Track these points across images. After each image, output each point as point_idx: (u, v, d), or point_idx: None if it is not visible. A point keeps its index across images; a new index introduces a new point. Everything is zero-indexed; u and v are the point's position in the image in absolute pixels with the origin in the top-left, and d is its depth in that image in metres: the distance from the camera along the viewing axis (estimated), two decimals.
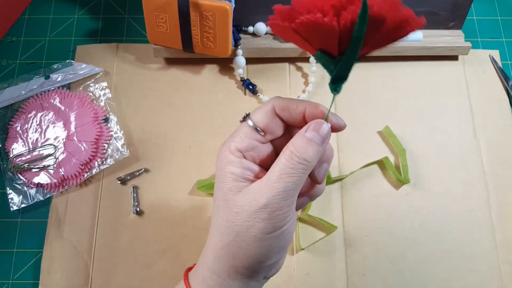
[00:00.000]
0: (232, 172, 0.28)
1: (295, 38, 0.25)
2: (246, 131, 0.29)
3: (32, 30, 0.51)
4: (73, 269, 0.41)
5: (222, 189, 0.28)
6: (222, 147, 0.29)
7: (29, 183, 0.43)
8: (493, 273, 0.42)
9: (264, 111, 0.29)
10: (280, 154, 0.28)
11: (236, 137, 0.29)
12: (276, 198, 0.26)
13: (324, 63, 0.26)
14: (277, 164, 0.27)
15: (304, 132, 0.28)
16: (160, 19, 0.42)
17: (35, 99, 0.46)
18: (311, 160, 0.28)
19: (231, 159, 0.28)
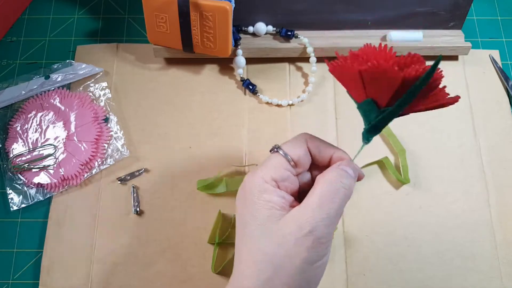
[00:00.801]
0: (270, 200, 0.28)
1: (352, 81, 0.27)
2: (280, 161, 0.29)
3: (32, 30, 0.51)
4: (73, 269, 0.41)
5: (258, 218, 0.27)
6: (253, 176, 0.29)
7: (29, 183, 0.44)
8: (493, 273, 0.42)
9: (298, 144, 0.30)
10: (317, 182, 0.29)
11: (269, 167, 0.29)
12: (320, 224, 0.26)
13: (367, 111, 0.28)
14: (316, 191, 0.28)
15: (337, 166, 0.29)
16: (160, 19, 0.42)
17: (35, 99, 0.47)
18: (349, 188, 0.29)
19: (267, 187, 0.28)
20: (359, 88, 0.27)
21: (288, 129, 0.47)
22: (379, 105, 0.27)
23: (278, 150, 0.30)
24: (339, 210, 0.28)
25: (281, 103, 0.48)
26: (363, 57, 0.26)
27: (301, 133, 0.32)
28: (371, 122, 0.28)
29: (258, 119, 0.47)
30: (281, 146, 0.30)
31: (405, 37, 0.48)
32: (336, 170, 0.29)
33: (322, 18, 0.47)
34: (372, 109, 0.27)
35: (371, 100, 0.27)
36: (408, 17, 0.48)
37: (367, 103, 0.27)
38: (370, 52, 0.26)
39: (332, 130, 0.47)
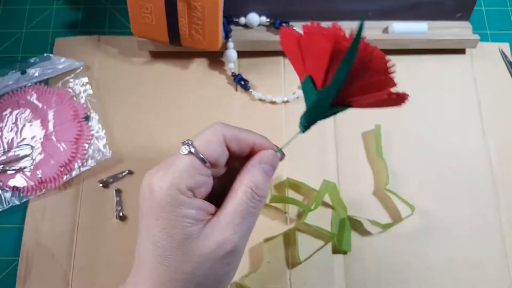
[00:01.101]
0: (186, 215, 0.26)
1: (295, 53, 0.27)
2: (195, 164, 0.27)
3: (7, 22, 0.51)
4: (51, 278, 0.41)
5: (174, 237, 0.26)
6: (163, 181, 0.26)
7: (4, 186, 0.43)
8: (502, 282, 0.41)
9: (214, 142, 0.28)
10: (235, 189, 0.27)
11: (182, 172, 0.26)
12: (242, 240, 0.27)
13: (307, 91, 0.27)
14: (237, 202, 0.27)
15: (258, 164, 0.28)
16: (145, 9, 0.42)
17: (10, 96, 0.46)
18: (266, 196, 0.28)
19: (183, 200, 0.26)
20: (300, 62, 0.27)
21: (282, 127, 0.47)
22: (316, 85, 0.26)
23: (191, 149, 0.27)
24: (256, 218, 0.28)
25: (275, 100, 0.47)
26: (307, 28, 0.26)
27: (215, 123, 0.29)
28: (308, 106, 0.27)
29: (251, 117, 0.47)
30: (194, 144, 0.27)
31: (409, 29, 0.48)
32: (258, 175, 0.28)
33: (319, 8, 0.47)
34: (311, 88, 0.27)
35: (309, 77, 0.27)
36: (412, 8, 0.48)
37: (306, 81, 0.27)
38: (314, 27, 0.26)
39: (329, 129, 0.47)
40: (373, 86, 0.25)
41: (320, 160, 0.45)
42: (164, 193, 0.26)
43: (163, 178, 0.26)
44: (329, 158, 0.45)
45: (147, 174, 0.27)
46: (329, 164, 0.45)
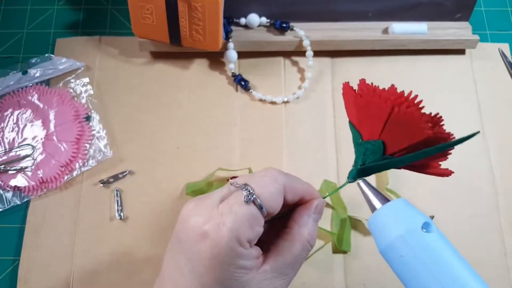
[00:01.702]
0: (244, 267, 0.25)
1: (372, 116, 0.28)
2: (256, 215, 0.26)
3: (8, 22, 0.51)
4: (52, 277, 0.41)
5: (230, 286, 0.25)
6: (223, 233, 0.24)
7: (5, 186, 0.43)
8: (502, 281, 0.42)
9: (277, 192, 0.27)
10: (295, 241, 0.28)
11: (244, 224, 0.25)
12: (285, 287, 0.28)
13: (369, 151, 0.28)
14: (292, 254, 0.27)
15: (313, 214, 0.29)
16: (145, 10, 0.42)
17: (11, 96, 0.46)
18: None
19: (241, 252, 0.25)
20: (376, 125, 0.27)
21: (283, 128, 0.47)
22: (385, 151, 0.28)
23: (254, 200, 0.26)
24: None
25: (275, 100, 0.47)
26: (393, 98, 0.27)
27: (272, 170, 0.28)
28: (366, 162, 0.28)
29: (251, 118, 0.47)
30: (256, 193, 0.26)
31: (409, 30, 0.48)
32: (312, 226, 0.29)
33: (320, 9, 0.47)
34: (377, 151, 0.28)
35: (382, 142, 0.27)
36: (411, 8, 0.48)
37: (376, 144, 0.28)
38: (397, 94, 0.28)
39: (330, 129, 0.47)
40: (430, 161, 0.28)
41: (320, 160, 0.45)
42: (224, 245, 0.24)
43: (221, 227, 0.24)
44: (329, 158, 0.45)
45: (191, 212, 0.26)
46: (329, 164, 0.45)
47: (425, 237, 0.24)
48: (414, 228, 0.25)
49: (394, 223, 0.25)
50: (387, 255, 0.25)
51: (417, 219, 0.25)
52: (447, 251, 0.24)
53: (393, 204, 0.26)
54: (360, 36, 0.47)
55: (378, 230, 0.26)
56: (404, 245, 0.24)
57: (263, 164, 0.45)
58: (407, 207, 0.26)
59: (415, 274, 0.24)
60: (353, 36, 0.47)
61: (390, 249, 0.25)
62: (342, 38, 0.47)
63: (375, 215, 0.27)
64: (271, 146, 0.46)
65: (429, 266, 0.24)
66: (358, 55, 0.49)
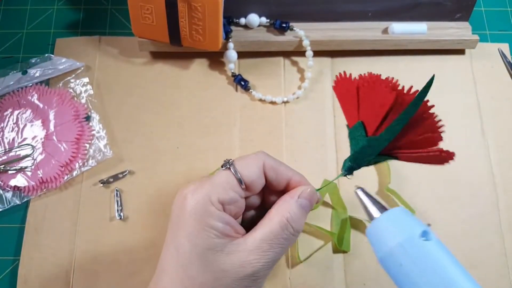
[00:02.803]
0: (213, 226, 0.27)
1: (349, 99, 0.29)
2: (230, 181, 0.28)
3: (8, 22, 0.51)
4: (52, 277, 0.41)
5: (197, 246, 0.26)
6: (197, 193, 0.27)
7: (5, 186, 0.43)
8: (502, 282, 0.42)
9: (253, 165, 0.29)
10: (270, 218, 0.28)
11: (217, 186, 0.28)
12: (264, 267, 0.27)
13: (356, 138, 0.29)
14: (269, 230, 0.27)
15: (297, 197, 0.29)
16: (145, 10, 0.42)
17: (11, 96, 0.46)
18: (301, 231, 0.29)
19: (212, 211, 0.27)
20: (354, 108, 0.28)
21: (282, 128, 0.47)
22: (368, 132, 0.28)
23: (231, 167, 0.28)
24: (284, 251, 0.28)
25: (275, 100, 0.47)
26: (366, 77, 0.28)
27: (259, 151, 0.31)
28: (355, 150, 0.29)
29: (251, 118, 0.47)
30: (234, 163, 0.29)
31: (408, 30, 0.48)
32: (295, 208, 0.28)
33: (319, 9, 0.47)
34: (361, 135, 0.28)
35: (361, 123, 0.28)
36: (411, 8, 0.48)
37: (357, 126, 0.28)
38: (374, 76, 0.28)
39: (330, 129, 0.47)
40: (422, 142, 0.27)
41: (320, 160, 0.45)
42: (195, 202, 0.27)
43: (197, 189, 0.27)
44: (329, 158, 0.46)
45: (184, 187, 0.28)
46: (329, 164, 0.45)
47: (424, 246, 0.25)
48: (413, 237, 0.25)
49: (393, 231, 0.26)
50: (386, 264, 0.26)
51: (415, 227, 0.25)
52: (447, 260, 0.25)
53: (391, 212, 0.27)
54: (360, 36, 0.47)
55: (377, 239, 0.26)
56: (403, 253, 0.25)
57: None
58: (405, 216, 0.26)
59: (414, 283, 0.24)
60: (353, 36, 0.47)
61: (389, 257, 0.25)
62: (342, 38, 0.47)
63: (374, 224, 0.27)
64: (271, 146, 0.46)
65: (428, 275, 0.24)
66: (358, 55, 0.49)
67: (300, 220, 0.29)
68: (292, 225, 0.28)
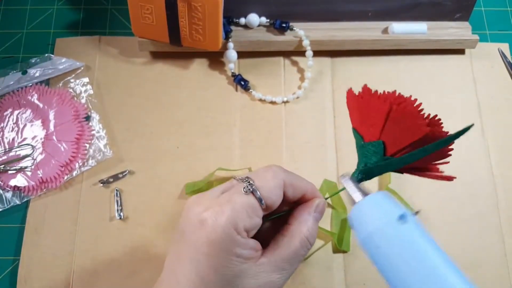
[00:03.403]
0: (241, 255, 0.26)
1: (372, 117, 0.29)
2: (254, 206, 0.27)
3: (8, 22, 0.51)
4: (52, 277, 0.41)
5: (226, 275, 0.26)
6: (221, 220, 0.26)
7: (5, 186, 0.43)
8: (502, 282, 0.42)
9: (274, 187, 0.28)
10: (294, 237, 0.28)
11: (241, 213, 0.26)
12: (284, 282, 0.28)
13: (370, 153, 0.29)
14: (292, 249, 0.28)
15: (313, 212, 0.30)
16: (145, 10, 0.42)
17: (11, 96, 0.46)
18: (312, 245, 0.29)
19: (239, 240, 0.26)
20: (376, 126, 0.28)
21: (282, 128, 0.47)
22: (386, 152, 0.28)
23: (254, 192, 0.27)
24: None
25: (275, 100, 0.48)
26: (392, 99, 0.28)
27: (273, 167, 0.29)
28: (367, 164, 0.29)
29: (251, 117, 0.47)
30: (255, 185, 0.27)
31: (408, 30, 0.48)
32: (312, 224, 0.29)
33: (319, 9, 0.47)
34: (378, 152, 0.28)
35: (382, 142, 0.28)
36: (411, 8, 0.48)
37: (377, 144, 0.28)
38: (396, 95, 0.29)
39: (329, 129, 0.47)
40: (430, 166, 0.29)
41: (320, 160, 0.45)
42: (221, 231, 0.25)
43: (218, 214, 0.26)
44: (329, 158, 0.46)
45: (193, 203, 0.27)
46: (329, 164, 0.45)
47: (400, 229, 0.25)
48: (390, 220, 0.25)
49: (372, 215, 0.26)
50: (365, 247, 0.26)
51: (394, 211, 0.26)
52: (423, 242, 0.25)
53: (372, 197, 0.27)
54: (360, 36, 0.47)
55: (358, 223, 0.27)
56: (380, 236, 0.25)
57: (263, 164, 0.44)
58: (386, 200, 0.27)
59: (392, 265, 0.25)
60: (353, 36, 0.47)
61: (368, 240, 0.26)
62: (342, 38, 0.47)
63: (355, 208, 0.27)
64: (271, 146, 0.46)
65: (405, 257, 0.24)
66: (358, 55, 0.49)
67: (316, 233, 0.30)
68: (310, 241, 0.29)
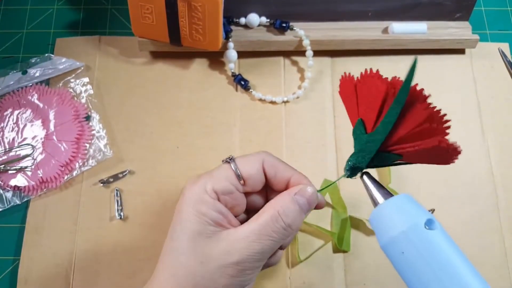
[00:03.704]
0: (205, 213, 0.27)
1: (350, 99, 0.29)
2: (228, 174, 0.29)
3: (8, 22, 0.51)
4: (52, 277, 0.41)
5: (188, 229, 0.27)
6: (195, 183, 0.29)
7: (5, 186, 0.43)
8: (502, 282, 0.42)
9: (252, 161, 0.30)
10: (264, 210, 0.28)
11: (213, 177, 0.29)
12: (251, 258, 0.27)
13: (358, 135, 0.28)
14: (259, 221, 0.28)
15: (293, 194, 0.29)
16: (145, 10, 0.42)
17: (11, 96, 0.46)
18: (296, 228, 0.29)
19: (205, 199, 0.28)
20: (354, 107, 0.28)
21: (282, 127, 0.47)
22: (366, 128, 0.28)
23: (230, 162, 0.30)
24: (276, 246, 0.28)
25: (275, 100, 0.48)
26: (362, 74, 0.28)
27: (261, 151, 0.31)
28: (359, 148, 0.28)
29: (251, 117, 0.47)
30: (235, 159, 0.30)
31: (408, 29, 0.48)
32: (289, 202, 0.29)
33: (320, 8, 0.47)
34: (361, 133, 0.28)
35: (360, 120, 0.28)
36: (411, 8, 0.48)
37: (357, 125, 0.28)
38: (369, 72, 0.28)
39: (330, 128, 0.47)
40: (422, 134, 0.26)
41: (320, 160, 0.45)
42: (190, 191, 0.28)
43: (196, 180, 0.29)
44: (329, 158, 0.46)
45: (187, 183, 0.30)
46: (329, 164, 0.45)
47: (428, 234, 0.24)
48: (416, 225, 0.24)
49: (397, 219, 0.25)
50: (388, 251, 0.25)
51: (420, 215, 0.25)
52: (450, 250, 0.24)
53: (396, 199, 0.26)
54: (360, 35, 0.47)
55: (380, 226, 0.26)
56: (406, 241, 0.24)
57: None
58: (410, 203, 0.26)
59: (416, 271, 0.24)
60: (353, 36, 0.47)
61: (392, 245, 0.25)
62: (342, 38, 0.47)
63: (377, 210, 0.26)
64: (271, 146, 0.46)
65: (430, 264, 0.23)
66: (358, 54, 0.49)
67: (294, 215, 0.28)
68: (283, 219, 0.28)
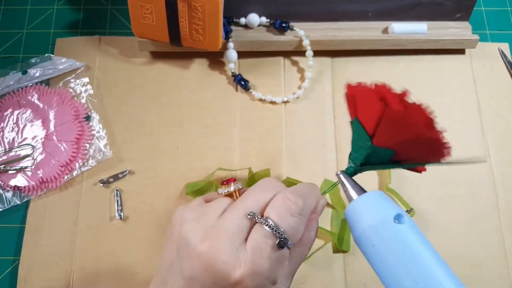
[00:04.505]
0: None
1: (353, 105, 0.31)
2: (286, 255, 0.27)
3: (8, 22, 0.51)
4: (52, 277, 0.41)
5: None
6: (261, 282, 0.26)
7: (5, 186, 0.43)
8: (503, 282, 0.42)
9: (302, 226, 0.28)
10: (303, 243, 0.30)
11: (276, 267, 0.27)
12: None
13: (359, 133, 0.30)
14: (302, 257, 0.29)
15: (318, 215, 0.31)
16: (145, 10, 0.42)
17: (11, 96, 0.46)
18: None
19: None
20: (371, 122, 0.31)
21: (282, 127, 0.47)
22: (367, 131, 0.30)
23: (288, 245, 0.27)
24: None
25: (275, 100, 0.47)
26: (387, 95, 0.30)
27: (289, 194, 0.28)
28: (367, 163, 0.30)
29: (251, 117, 0.47)
30: (280, 229, 0.26)
31: (408, 30, 0.48)
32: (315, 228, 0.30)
33: (320, 8, 0.47)
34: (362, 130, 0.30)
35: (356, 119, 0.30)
36: (411, 8, 0.48)
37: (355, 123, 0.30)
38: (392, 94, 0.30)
39: (330, 129, 0.47)
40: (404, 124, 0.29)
41: (320, 160, 0.45)
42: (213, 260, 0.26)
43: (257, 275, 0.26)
44: (329, 158, 0.46)
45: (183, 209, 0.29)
46: (329, 164, 0.45)
47: (396, 228, 0.25)
48: (386, 219, 0.26)
49: (368, 213, 0.27)
50: (361, 244, 0.27)
51: (390, 210, 0.26)
52: (418, 243, 0.25)
53: (369, 195, 0.28)
54: (360, 36, 0.47)
55: (353, 220, 0.27)
56: (375, 235, 0.26)
57: (263, 164, 0.45)
58: (382, 199, 0.27)
59: (385, 264, 0.25)
60: (353, 36, 0.47)
61: (363, 238, 0.26)
62: (342, 38, 0.47)
63: (352, 205, 0.28)
64: (271, 146, 0.46)
65: (399, 256, 0.25)
66: (358, 55, 0.49)
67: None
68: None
